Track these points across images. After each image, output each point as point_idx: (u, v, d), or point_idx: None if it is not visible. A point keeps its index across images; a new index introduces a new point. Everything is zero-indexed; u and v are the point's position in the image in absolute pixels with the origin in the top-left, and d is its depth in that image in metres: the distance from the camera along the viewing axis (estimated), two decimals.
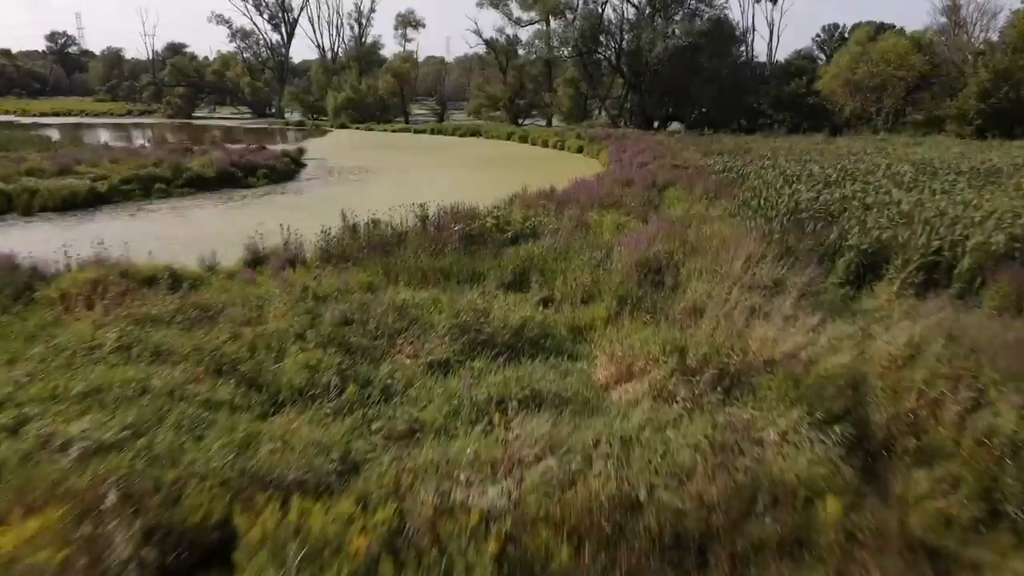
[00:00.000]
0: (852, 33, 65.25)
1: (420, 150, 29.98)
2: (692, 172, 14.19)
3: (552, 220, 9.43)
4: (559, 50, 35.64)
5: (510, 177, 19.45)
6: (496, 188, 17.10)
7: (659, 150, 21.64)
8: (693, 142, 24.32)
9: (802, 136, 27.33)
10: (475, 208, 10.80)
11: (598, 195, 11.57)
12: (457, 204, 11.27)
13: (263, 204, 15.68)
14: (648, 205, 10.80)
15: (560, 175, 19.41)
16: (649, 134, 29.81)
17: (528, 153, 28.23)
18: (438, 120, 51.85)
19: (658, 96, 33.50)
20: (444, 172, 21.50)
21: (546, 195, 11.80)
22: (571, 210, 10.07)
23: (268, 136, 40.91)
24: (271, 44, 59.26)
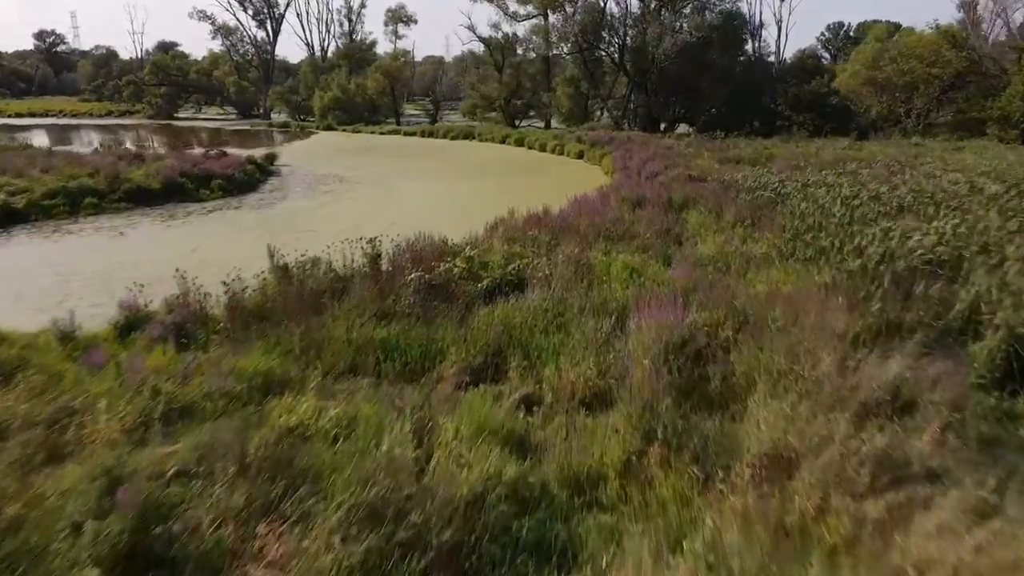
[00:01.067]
0: (869, 30, 63.07)
1: (406, 155, 27.76)
2: (716, 188, 11.94)
3: (543, 260, 7.18)
4: (558, 46, 33.48)
5: (500, 190, 17.27)
6: (482, 204, 14.91)
7: (670, 157, 19.41)
8: (706, 147, 22.10)
9: (826, 140, 25.08)
10: (446, 241, 8.56)
11: (603, 219, 9.33)
12: (427, 234, 9.03)
13: (207, 223, 13.44)
14: (667, 236, 8.56)
15: (558, 187, 17.23)
16: (656, 137, 27.58)
17: (523, 159, 26.01)
18: (431, 121, 49.65)
19: (665, 96, 31.30)
20: (426, 183, 19.29)
21: (538, 219, 9.56)
22: (568, 244, 7.84)
23: (247, 138, 38.73)
24: (255, 41, 57.07)
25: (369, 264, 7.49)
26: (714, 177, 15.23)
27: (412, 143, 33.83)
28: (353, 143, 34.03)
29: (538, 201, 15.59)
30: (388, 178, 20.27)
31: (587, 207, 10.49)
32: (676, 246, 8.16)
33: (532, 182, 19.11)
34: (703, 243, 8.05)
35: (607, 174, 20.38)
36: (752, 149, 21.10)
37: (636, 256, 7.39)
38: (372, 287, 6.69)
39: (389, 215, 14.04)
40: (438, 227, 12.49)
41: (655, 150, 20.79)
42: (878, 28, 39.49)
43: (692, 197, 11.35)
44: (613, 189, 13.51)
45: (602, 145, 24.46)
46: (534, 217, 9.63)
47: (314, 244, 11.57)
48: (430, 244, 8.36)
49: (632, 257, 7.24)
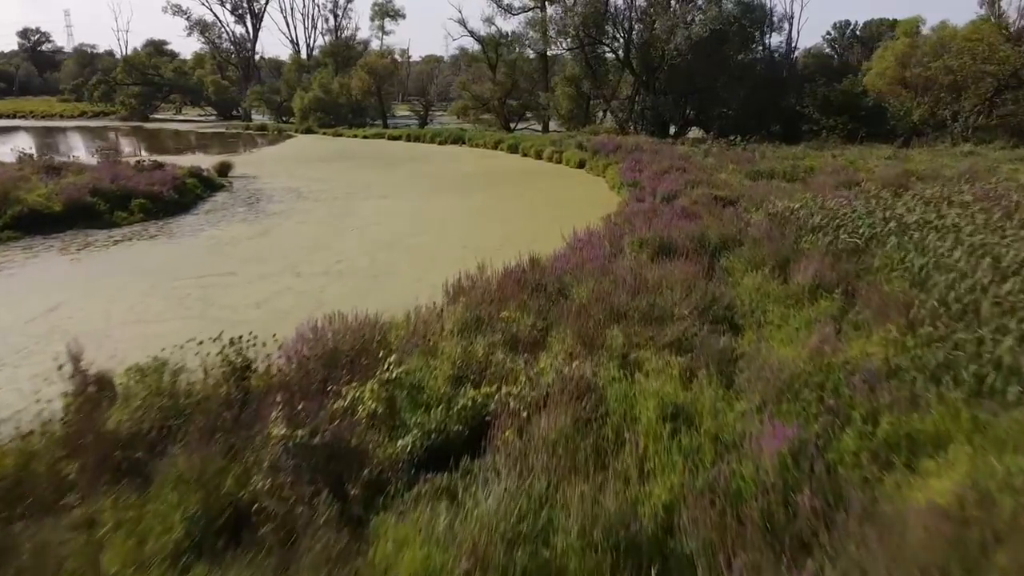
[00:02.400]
0: (879, 28, 60.35)
1: (384, 163, 24.90)
2: (762, 222, 9.05)
3: (521, 378, 4.30)
4: (556, 42, 30.62)
5: (482, 212, 14.35)
6: (457, 236, 12.04)
7: (687, 169, 16.56)
8: (728, 156, 19.24)
9: (862, 146, 22.24)
10: (378, 322, 5.72)
11: (614, 279, 6.47)
12: (357, 309, 6.22)
13: (99, 262, 10.51)
14: (713, 317, 5.68)
15: (554, 208, 14.31)
16: (666, 143, 24.73)
17: (516, 169, 23.14)
18: (420, 124, 46.78)
19: (675, 96, 28.46)
20: (396, 201, 16.41)
21: (521, 278, 6.68)
22: (563, 333, 4.98)
23: (216, 143, 35.90)
24: (234, 38, 54.22)
25: (230, 381, 4.60)
26: (747, 198, 12.40)
27: (394, 149, 30.97)
28: (329, 148, 31.16)
29: (528, 231, 12.78)
30: (354, 193, 17.40)
31: (591, 255, 7.61)
32: (731, 336, 5.27)
33: (524, 201, 16.25)
34: (775, 336, 5.16)
35: (613, 189, 17.53)
36: (783, 159, 18.24)
37: (674, 369, 4.50)
38: (211, 444, 3.81)
39: (335, 250, 11.17)
40: (389, 276, 9.70)
41: (669, 160, 17.92)
42: (907, 22, 36.64)
43: (733, 236, 8.48)
44: (624, 218, 10.63)
45: (606, 153, 21.60)
46: (515, 274, 6.73)
47: (224, 299, 8.73)
48: (351, 332, 5.46)
49: (669, 377, 4.35)
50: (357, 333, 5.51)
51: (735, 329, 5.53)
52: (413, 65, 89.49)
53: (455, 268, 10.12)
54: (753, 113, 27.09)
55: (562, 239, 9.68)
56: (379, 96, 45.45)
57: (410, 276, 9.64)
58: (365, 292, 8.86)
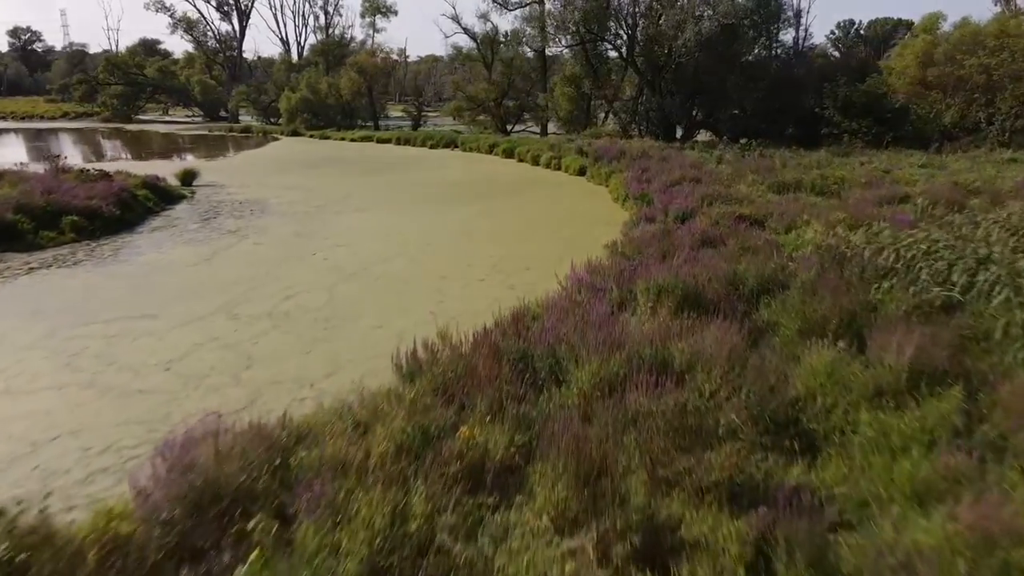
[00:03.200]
0: (883, 26, 58.41)
1: (368, 169, 23.15)
2: (812, 259, 7.25)
3: None
4: (555, 38, 28.87)
5: (467, 231, 12.36)
6: (433, 266, 10.15)
7: (701, 180, 14.82)
8: (745, 164, 17.47)
9: (890, 152, 20.49)
10: (284, 436, 3.91)
11: (626, 355, 4.70)
12: (255, 418, 4.46)
13: None
14: (763, 417, 3.92)
15: (550, 225, 12.55)
16: (674, 148, 23.00)
17: (510, 176, 21.40)
18: (413, 126, 45.05)
19: (682, 97, 26.71)
20: (372, 215, 14.65)
21: (496, 352, 4.90)
22: (553, 477, 3.22)
23: (195, 146, 34.20)
24: (220, 36, 52.49)
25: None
26: (777, 217, 10.65)
27: (382, 153, 29.23)
28: (312, 152, 29.41)
29: (520, 255, 10.99)
30: (327, 206, 15.64)
31: (593, 308, 5.83)
32: (808, 464, 3.50)
33: (517, 216, 14.49)
34: (879, 472, 3.38)
35: (618, 201, 15.78)
36: (807, 168, 16.47)
37: (731, 547, 2.75)
38: None
39: (287, 282, 9.39)
40: (345, 321, 7.96)
41: (679, 169, 16.15)
42: (927, 20, 34.94)
43: (773, 278, 6.70)
44: (634, 246, 8.85)
45: (609, 160, 19.85)
46: (490, 348, 4.95)
47: (129, 355, 6.90)
48: (241, 449, 3.69)
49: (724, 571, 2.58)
50: (249, 451, 3.74)
51: (810, 449, 3.75)
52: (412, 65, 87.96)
53: (429, 306, 8.39)
54: (767, 115, 25.34)
55: (560, 271, 7.91)
56: (370, 97, 43.71)
57: (370, 320, 7.87)
58: (308, 345, 7.10)
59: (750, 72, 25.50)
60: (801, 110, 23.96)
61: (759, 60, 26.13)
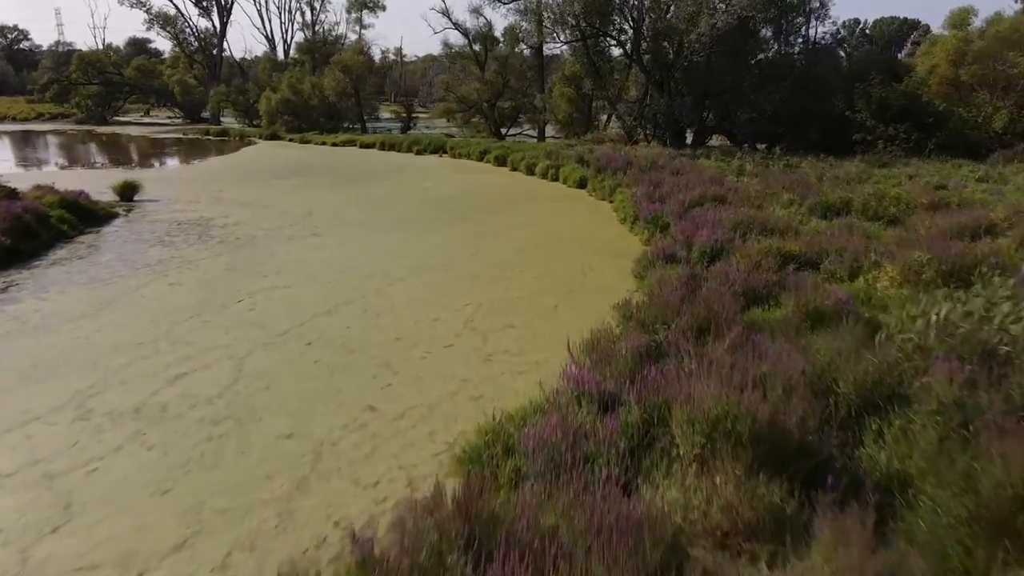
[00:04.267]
0: (887, 26, 55.90)
1: (342, 180, 20.85)
2: (943, 360, 4.90)
3: None
4: (553, 33, 26.58)
5: (441, 265, 9.76)
6: (394, 312, 7.60)
7: (726, 199, 12.52)
8: (774, 178, 15.15)
9: (934, 161, 18.22)
10: None
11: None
12: None
13: None
14: None
15: (543, 264, 9.61)
16: (686, 155, 20.73)
17: (501, 190, 19.10)
18: (403, 128, 42.79)
19: (694, 98, 24.42)
20: (330, 244, 12.32)
21: None
22: None
23: (164, 151, 31.90)
24: (198, 33, 50.21)
25: None
26: (834, 256, 8.35)
27: (362, 159, 26.92)
28: (286, 159, 27.10)
29: (501, 305, 8.65)
30: (280, 229, 13.32)
31: (598, 503, 3.49)
32: None
33: (503, 245, 12.16)
34: None
35: (625, 223, 13.49)
36: (848, 183, 14.17)
37: None
38: None
39: (185, 350, 7.03)
40: (244, 425, 5.54)
41: (699, 185, 13.84)
42: (957, 16, 32.62)
43: (880, 378, 4.38)
44: (658, 308, 6.50)
45: (614, 171, 17.55)
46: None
47: None
48: None
49: None
50: None
51: None
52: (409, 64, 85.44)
53: (371, 392, 6.07)
54: (787, 118, 23.06)
55: (552, 330, 5.58)
56: (356, 98, 41.40)
57: (280, 423, 5.53)
58: (172, 474, 4.76)
59: (769, 71, 23.23)
60: (828, 113, 21.66)
61: (779, 57, 23.83)
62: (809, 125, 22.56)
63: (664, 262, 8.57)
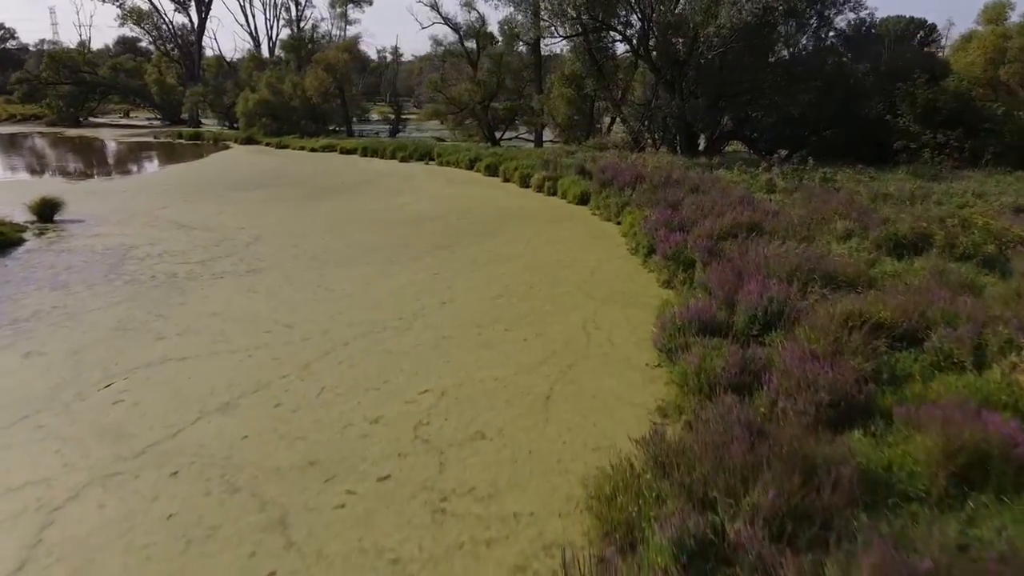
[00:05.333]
0: (893, 25, 53.73)
1: (308, 194, 18.45)
2: None
3: None
4: (552, 28, 24.20)
5: (399, 315, 7.06)
6: (321, 405, 5.03)
7: (764, 226, 10.12)
8: (813, 195, 12.75)
9: (990, 173, 15.84)
10: None
11: None
12: None
13: None
14: None
15: (532, 323, 6.78)
16: (700, 164, 18.40)
17: (489, 206, 16.70)
18: (391, 131, 40.41)
19: (708, 100, 22.05)
20: (264, 286, 9.88)
21: None
22: None
23: (126, 157, 29.55)
24: (174, 29, 47.85)
25: None
26: (942, 327, 5.97)
27: (340, 167, 24.52)
28: (255, 167, 24.70)
29: (471, 392, 6.30)
30: (211, 263, 10.91)
31: None
32: None
33: (482, 285, 9.73)
34: None
35: (636, 253, 11.10)
36: (909, 202, 11.77)
37: None
38: None
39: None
40: None
41: (727, 207, 11.41)
42: (993, 8, 30.31)
43: None
44: (704, 445, 4.11)
45: (621, 186, 15.15)
46: None
47: None
48: None
49: None
50: None
51: None
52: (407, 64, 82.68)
53: None
54: (816, 123, 20.69)
55: (542, 443, 3.18)
56: (342, 99, 38.99)
57: None
58: None
59: (796, 68, 20.84)
60: (863, 117, 19.26)
61: (806, 53, 21.41)
62: (842, 131, 20.17)
63: (701, 335, 6.17)
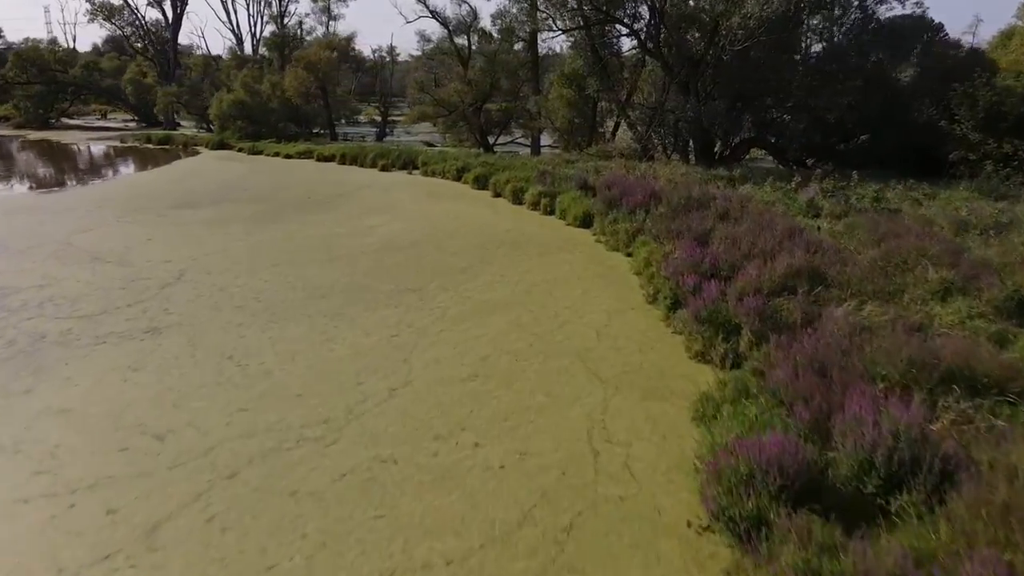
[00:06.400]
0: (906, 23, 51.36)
1: (264, 213, 16.03)
2: None
3: None
4: (552, 20, 21.81)
5: (325, 421, 4.88)
6: None
7: (827, 275, 7.70)
8: (872, 223, 10.31)
9: None
10: None
11: None
12: None
13: None
14: None
15: (510, 426, 4.52)
16: (720, 177, 16.03)
17: (473, 230, 14.29)
18: (378, 135, 38.02)
19: (727, 102, 19.64)
20: (169, 353, 7.43)
21: None
22: None
23: (82, 164, 27.14)
24: (145, 24, 45.48)
25: None
26: None
27: (311, 178, 22.09)
28: (216, 178, 22.26)
29: None
30: (100, 317, 8.48)
31: None
32: None
33: (451, 357, 7.26)
34: None
35: (656, 304, 8.68)
36: (1001, 234, 9.35)
37: None
38: None
39: None
40: None
41: (777, 246, 8.98)
42: None
43: None
44: None
45: (632, 208, 12.73)
46: None
47: None
48: None
49: None
50: None
51: None
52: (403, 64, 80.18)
53: None
54: (852, 129, 18.29)
55: None
56: (324, 100, 36.57)
57: None
58: None
59: (828, 67, 18.43)
60: (910, 123, 16.85)
61: (838, 48, 18.94)
62: (883, 137, 17.77)
63: (779, 489, 3.72)
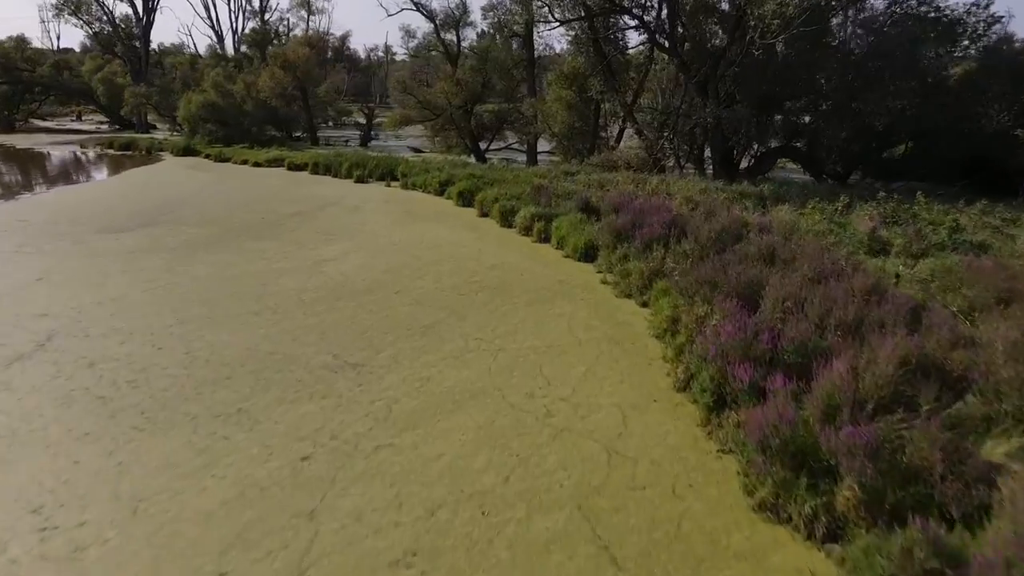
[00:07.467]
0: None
1: (203, 239, 13.51)
2: None
3: None
4: (545, 10, 19.31)
5: None
6: None
7: (954, 372, 5.18)
8: (980, 270, 7.78)
9: None
10: None
11: None
12: None
13: None
14: None
15: None
16: (748, 195, 13.59)
17: (448, 271, 11.80)
18: (362, 140, 35.51)
19: (751, 105, 17.14)
20: None
21: None
22: None
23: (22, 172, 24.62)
24: (113, 19, 43.01)
25: None
26: None
27: (271, 191, 19.57)
28: (164, 191, 19.72)
29: None
30: None
31: None
32: None
33: (380, 495, 4.70)
34: None
35: (688, 392, 6.15)
36: None
37: None
38: None
39: None
40: None
41: (864, 316, 6.46)
42: None
43: None
44: None
45: (645, 242, 10.20)
46: None
47: None
48: None
49: None
50: None
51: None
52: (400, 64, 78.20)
53: None
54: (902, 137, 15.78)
55: None
56: (304, 101, 34.06)
57: None
58: None
59: (871, 64, 15.92)
60: (978, 131, 14.36)
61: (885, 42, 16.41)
62: (933, 146, 15.27)
63: None
